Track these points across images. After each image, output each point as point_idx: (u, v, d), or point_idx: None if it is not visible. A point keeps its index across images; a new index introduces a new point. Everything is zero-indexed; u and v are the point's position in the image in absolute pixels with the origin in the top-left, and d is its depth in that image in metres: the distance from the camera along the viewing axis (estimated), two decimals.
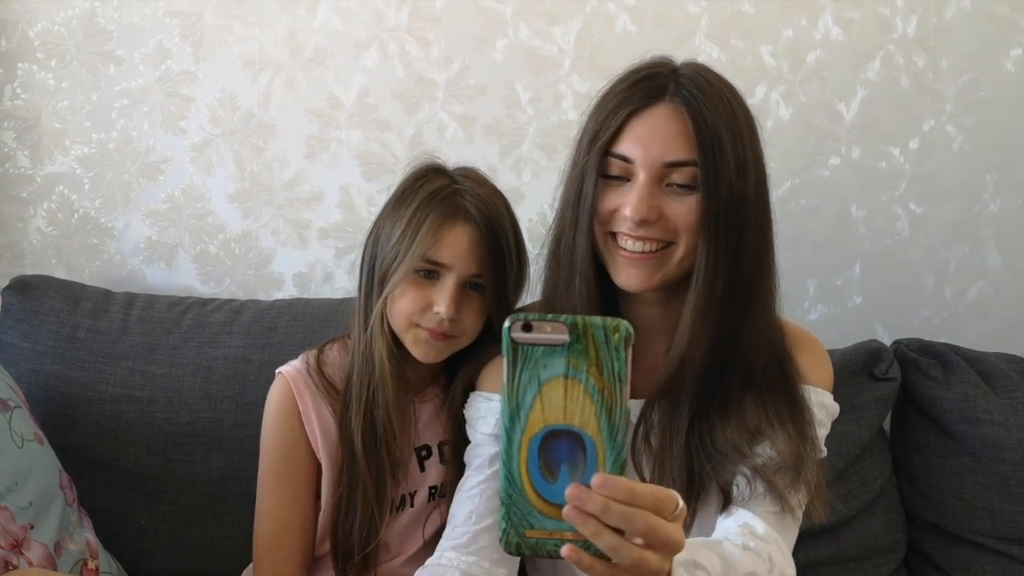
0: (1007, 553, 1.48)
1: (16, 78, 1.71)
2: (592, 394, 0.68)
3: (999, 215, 1.73)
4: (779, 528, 1.05)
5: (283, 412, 1.24)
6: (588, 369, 0.68)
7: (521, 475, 0.70)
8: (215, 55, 1.70)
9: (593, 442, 0.69)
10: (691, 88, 1.05)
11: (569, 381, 0.68)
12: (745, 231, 1.05)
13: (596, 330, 0.68)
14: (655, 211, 1.04)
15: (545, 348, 0.69)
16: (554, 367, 0.68)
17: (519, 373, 0.69)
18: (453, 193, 1.18)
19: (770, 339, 1.10)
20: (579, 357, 0.68)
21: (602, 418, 0.68)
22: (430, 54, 1.70)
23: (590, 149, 1.08)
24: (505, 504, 0.70)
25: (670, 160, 1.04)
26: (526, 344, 0.69)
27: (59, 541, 1.29)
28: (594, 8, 1.69)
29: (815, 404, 1.11)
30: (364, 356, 1.21)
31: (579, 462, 0.69)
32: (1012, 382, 1.53)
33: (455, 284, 1.17)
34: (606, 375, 0.68)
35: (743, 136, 1.06)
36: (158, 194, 1.73)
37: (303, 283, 1.75)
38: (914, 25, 1.70)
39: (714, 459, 1.06)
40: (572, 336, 0.68)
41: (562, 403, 0.69)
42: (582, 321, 0.68)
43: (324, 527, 1.25)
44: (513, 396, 0.69)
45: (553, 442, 0.69)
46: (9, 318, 1.55)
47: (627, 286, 1.08)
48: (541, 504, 0.70)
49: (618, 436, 0.69)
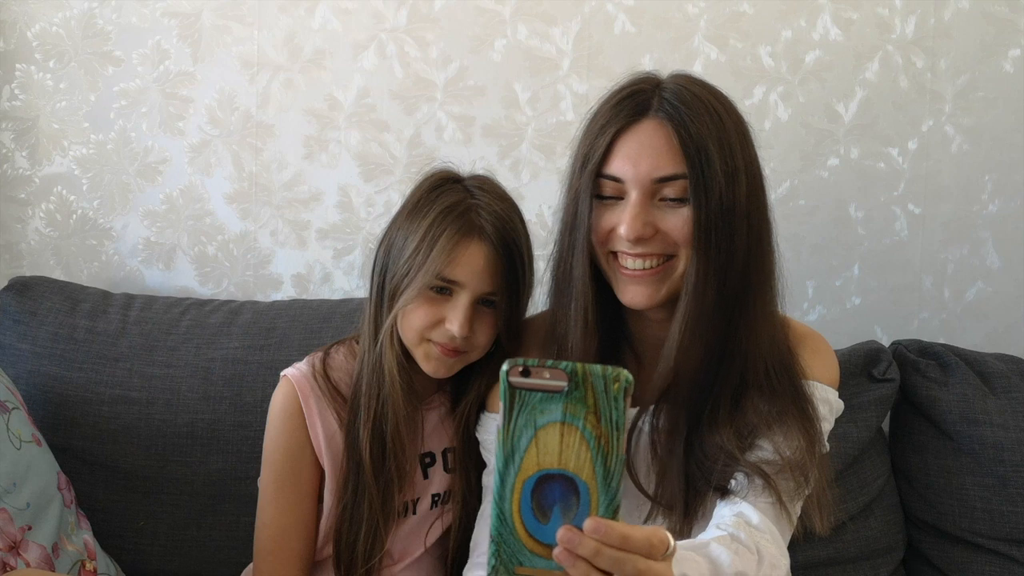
0: (1006, 554, 1.48)
1: (14, 79, 1.71)
2: (589, 440, 0.68)
3: (998, 216, 1.73)
4: (774, 519, 1.05)
5: (288, 416, 1.23)
6: (586, 416, 0.68)
7: (513, 515, 0.70)
8: (213, 56, 1.70)
9: (587, 487, 0.69)
10: (673, 101, 1.05)
11: (566, 427, 0.68)
12: (736, 239, 1.05)
13: (596, 378, 0.68)
14: (650, 228, 1.04)
15: (543, 394, 0.68)
16: (551, 413, 0.68)
17: (515, 417, 0.69)
18: (469, 208, 1.16)
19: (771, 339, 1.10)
20: (577, 404, 0.68)
21: (598, 464, 0.68)
22: (429, 55, 1.70)
23: (582, 172, 1.08)
24: (495, 542, 0.71)
25: (659, 175, 1.04)
26: (523, 389, 0.69)
27: (57, 542, 1.29)
28: (593, 9, 1.69)
29: (819, 400, 1.12)
30: (374, 368, 1.20)
31: (572, 505, 0.69)
32: (1011, 383, 1.53)
33: (468, 302, 1.15)
34: (603, 423, 0.68)
35: (731, 144, 1.05)
36: (156, 195, 1.73)
37: (302, 284, 1.75)
38: (913, 26, 1.70)
39: (705, 466, 1.06)
40: (571, 383, 0.68)
41: (558, 448, 0.69)
42: (582, 369, 0.68)
43: (326, 531, 1.24)
44: (508, 439, 0.69)
45: (547, 485, 0.69)
46: (7, 319, 1.55)
47: (633, 304, 1.08)
48: (532, 544, 0.70)
49: (612, 482, 0.69)
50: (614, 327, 1.13)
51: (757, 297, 1.08)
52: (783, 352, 1.11)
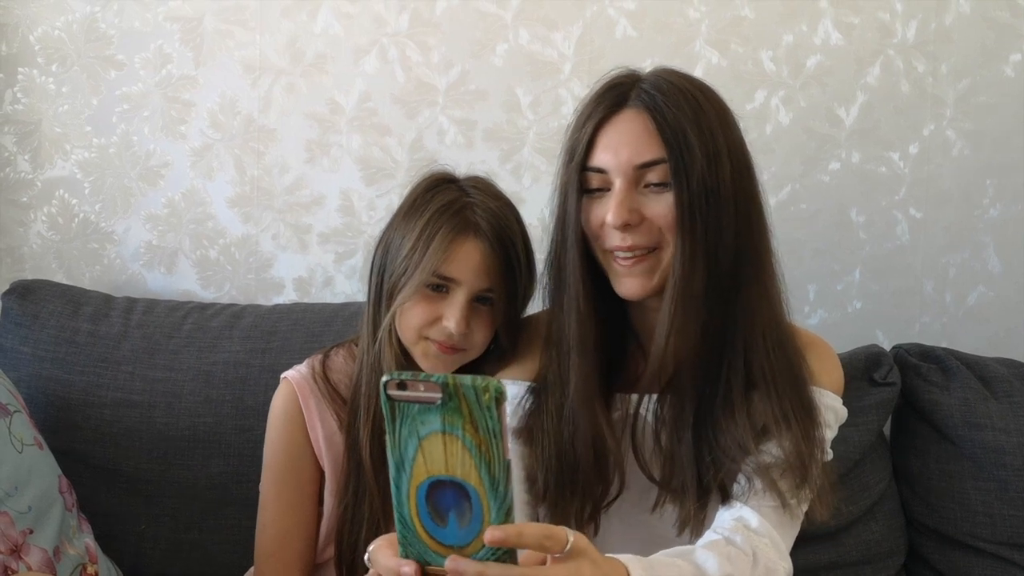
0: (1007, 558, 1.48)
1: (17, 83, 1.71)
2: (470, 449, 0.70)
3: (999, 220, 1.73)
4: (776, 523, 1.05)
5: (288, 418, 1.24)
6: (463, 426, 0.69)
7: (412, 519, 0.72)
8: (215, 60, 1.71)
9: (477, 492, 0.70)
10: (651, 91, 1.07)
11: (447, 436, 0.70)
12: (724, 220, 1.05)
13: (467, 390, 0.69)
14: (636, 214, 1.05)
15: (421, 405, 0.70)
16: (431, 423, 0.70)
17: (399, 427, 0.71)
18: (464, 207, 1.17)
19: (776, 333, 1.10)
20: (453, 415, 0.69)
21: (482, 470, 0.70)
22: (430, 59, 1.70)
23: (567, 167, 1.10)
24: (402, 544, 0.73)
25: (640, 161, 1.05)
26: (402, 401, 0.70)
27: (58, 546, 1.29)
28: (594, 13, 1.69)
29: (824, 406, 1.12)
30: (372, 368, 1.21)
31: (466, 509, 0.71)
32: (1012, 387, 1.53)
33: (465, 299, 1.16)
34: (481, 431, 0.69)
35: (711, 127, 1.06)
36: (158, 199, 1.73)
37: (303, 288, 1.75)
38: (914, 30, 1.70)
39: (719, 458, 1.06)
40: (444, 395, 0.69)
41: (442, 456, 0.70)
42: (452, 381, 0.69)
43: (327, 533, 1.24)
44: (396, 449, 0.71)
45: (439, 490, 0.71)
46: (9, 322, 1.55)
47: (628, 295, 1.08)
48: (435, 545, 0.72)
49: (499, 487, 0.70)
50: (617, 319, 1.13)
51: (753, 281, 1.08)
52: (790, 354, 1.10)
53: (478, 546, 0.71)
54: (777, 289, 1.12)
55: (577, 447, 1.08)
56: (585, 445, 1.08)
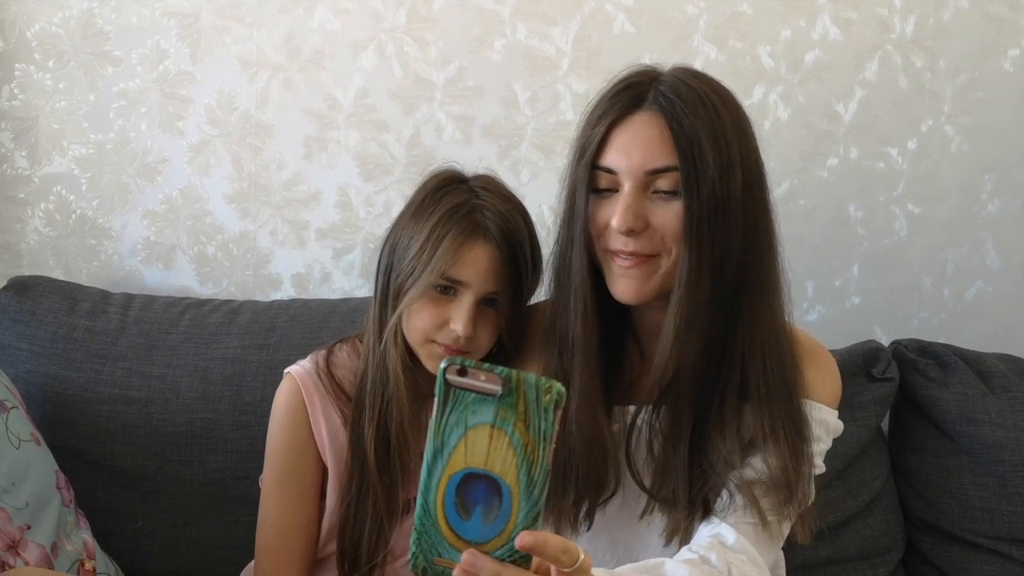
0: (1005, 553, 1.48)
1: (13, 79, 1.71)
2: (516, 447, 0.70)
3: (997, 215, 1.73)
4: (754, 541, 1.04)
5: (291, 413, 1.23)
6: (515, 423, 0.70)
7: (436, 508, 0.72)
8: (213, 56, 1.70)
9: (511, 491, 0.70)
10: (668, 94, 1.04)
11: (495, 430, 0.70)
12: (731, 232, 1.04)
13: (529, 388, 0.69)
14: (641, 220, 1.04)
15: (477, 395, 0.70)
16: (483, 415, 0.70)
17: (448, 414, 0.70)
18: (474, 209, 1.16)
19: (775, 346, 1.08)
20: (508, 410, 0.70)
21: (522, 471, 0.70)
22: (428, 55, 1.70)
23: (578, 164, 1.08)
24: (418, 530, 0.73)
25: (652, 167, 1.04)
26: (459, 388, 0.70)
27: (56, 542, 1.29)
28: (592, 9, 1.69)
29: (815, 420, 1.10)
30: (378, 367, 1.20)
31: (494, 506, 0.71)
32: (1010, 382, 1.53)
33: (472, 302, 1.15)
34: (532, 432, 0.69)
35: (727, 137, 1.04)
36: (156, 195, 1.73)
37: (301, 284, 1.75)
38: (912, 25, 1.70)
39: (706, 470, 1.06)
40: (505, 388, 0.69)
41: (485, 449, 0.70)
42: (516, 376, 0.69)
43: (328, 529, 1.24)
44: (439, 434, 0.71)
45: (472, 483, 0.71)
46: (6, 319, 1.55)
47: (623, 298, 1.07)
48: (452, 537, 0.72)
49: (535, 491, 0.70)
50: (618, 321, 1.13)
51: (757, 294, 1.07)
52: (787, 367, 1.09)
53: (497, 545, 0.71)
54: (780, 300, 1.10)
55: (576, 446, 1.08)
56: (584, 445, 1.08)
